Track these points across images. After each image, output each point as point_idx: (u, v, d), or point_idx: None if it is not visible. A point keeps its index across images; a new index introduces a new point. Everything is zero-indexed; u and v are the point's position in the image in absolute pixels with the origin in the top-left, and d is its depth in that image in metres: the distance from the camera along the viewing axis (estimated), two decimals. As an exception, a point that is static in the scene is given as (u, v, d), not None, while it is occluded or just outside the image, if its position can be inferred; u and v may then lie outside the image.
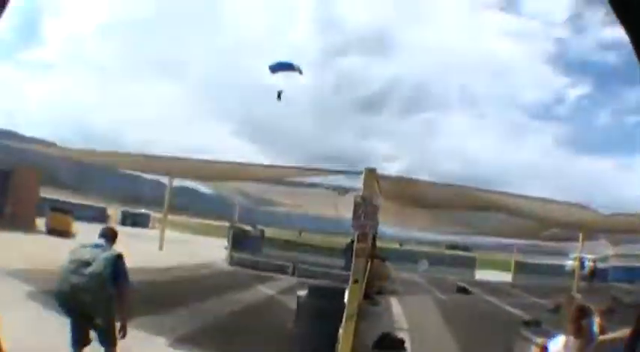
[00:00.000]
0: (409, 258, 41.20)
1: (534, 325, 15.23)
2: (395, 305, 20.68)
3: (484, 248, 54.10)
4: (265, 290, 20.67)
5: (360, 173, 10.94)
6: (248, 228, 35.78)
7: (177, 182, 29.29)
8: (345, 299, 10.05)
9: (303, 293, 11.79)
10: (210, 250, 33.85)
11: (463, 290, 28.76)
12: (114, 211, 55.88)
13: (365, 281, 10.77)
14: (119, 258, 6.78)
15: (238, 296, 17.73)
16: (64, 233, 26.74)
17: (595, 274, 39.33)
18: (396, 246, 46.78)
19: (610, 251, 36.83)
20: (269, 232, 38.69)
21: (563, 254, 42.15)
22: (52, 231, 27.25)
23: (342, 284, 12.03)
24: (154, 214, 56.74)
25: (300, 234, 52.87)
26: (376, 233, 11.96)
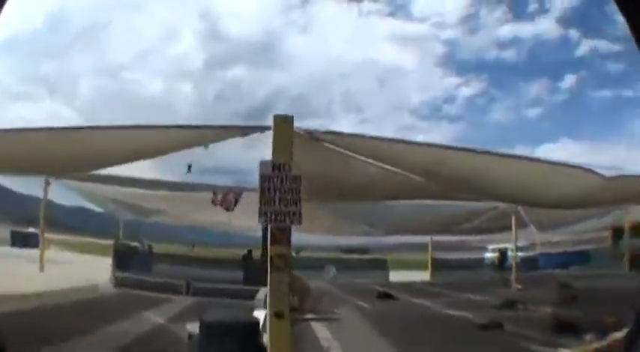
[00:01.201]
0: (310, 265, 35.58)
1: (494, 327, 14.18)
2: (313, 324, 16.28)
3: (388, 249, 50.35)
4: (154, 317, 16.70)
5: (266, 129, 7.67)
6: (135, 244, 32.89)
7: (70, 202, 28.92)
8: (264, 339, 7.42)
9: (193, 328, 9.02)
10: (95, 271, 28.72)
11: (386, 296, 24.37)
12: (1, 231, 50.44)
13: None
14: None
15: (121, 327, 14.04)
16: None
17: (503, 264, 36.35)
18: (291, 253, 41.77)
19: (536, 238, 34.34)
20: (159, 248, 35.41)
21: (482, 247, 39.68)
22: None
23: (248, 316, 9.63)
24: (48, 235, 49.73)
25: (192, 247, 47.89)
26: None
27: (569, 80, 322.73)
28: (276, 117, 6.86)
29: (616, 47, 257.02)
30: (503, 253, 37.97)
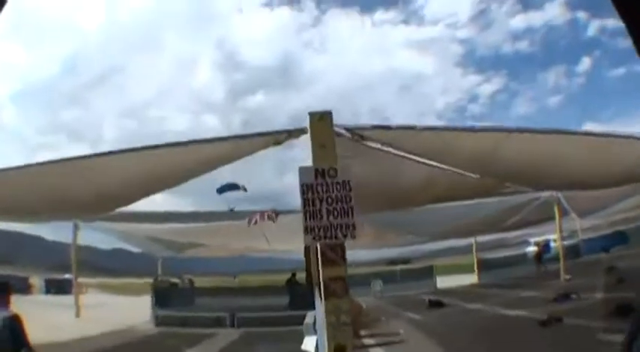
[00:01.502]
0: (354, 281, 34.44)
1: (555, 322, 13.70)
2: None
3: (431, 256, 48.94)
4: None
5: (301, 132, 6.56)
6: (175, 280, 31.78)
7: (107, 244, 29.05)
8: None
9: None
10: (133, 311, 27.76)
11: (436, 304, 23.25)
12: (34, 279, 49.29)
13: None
14: (15, 319, 6.00)
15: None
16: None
17: (542, 258, 35.08)
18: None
19: (577, 225, 32.85)
20: (201, 282, 34.63)
21: (522, 242, 38.50)
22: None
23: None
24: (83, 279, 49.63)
25: (235, 277, 46.81)
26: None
27: (585, 63, 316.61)
28: (312, 115, 5.68)
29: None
30: (545, 245, 36.71)
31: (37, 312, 17.42)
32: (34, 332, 5.96)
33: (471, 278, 36.38)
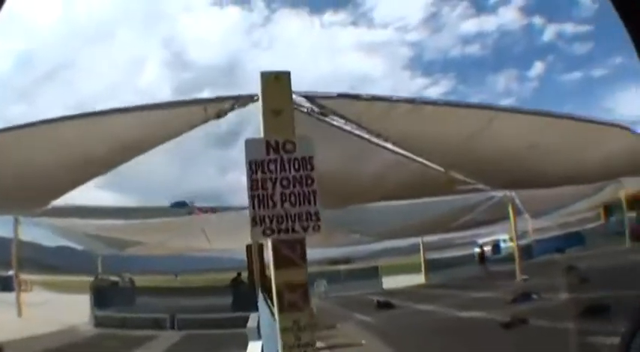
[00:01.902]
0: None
1: (520, 324, 12.51)
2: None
3: (374, 255, 48.18)
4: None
5: (249, 99, 5.23)
6: (115, 279, 29.94)
7: (54, 241, 28.93)
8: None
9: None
10: (76, 310, 25.78)
11: (385, 305, 21.97)
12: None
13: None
14: None
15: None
16: None
17: (485, 259, 34.76)
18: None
19: (529, 226, 32.71)
20: (141, 280, 33.77)
21: (469, 243, 38.21)
22: None
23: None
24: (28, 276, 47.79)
25: (176, 276, 45.38)
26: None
27: (538, 67, 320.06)
28: (266, 76, 4.27)
29: (582, 28, 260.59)
30: (495, 245, 36.39)
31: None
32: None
33: (417, 279, 35.48)
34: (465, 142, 7.07)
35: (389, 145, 7.06)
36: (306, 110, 5.29)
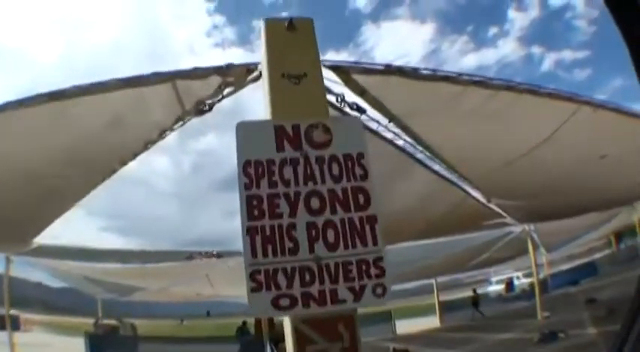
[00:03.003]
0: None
1: None
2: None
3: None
4: None
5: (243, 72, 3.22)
6: (115, 324, 27.45)
7: (56, 283, 26.13)
8: None
9: None
10: None
11: (403, 352, 19.33)
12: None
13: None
14: None
15: None
16: None
17: (478, 303, 32.42)
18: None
19: (544, 259, 30.13)
20: (145, 326, 31.50)
21: (479, 281, 36.19)
22: None
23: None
24: (27, 315, 46.45)
25: (182, 321, 43.29)
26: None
27: None
28: (272, 24, 2.33)
29: (580, 54, 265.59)
30: (508, 283, 34.15)
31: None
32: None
33: (432, 322, 32.59)
34: (526, 156, 5.03)
35: (437, 166, 5.02)
36: (334, 99, 3.23)
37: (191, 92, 3.40)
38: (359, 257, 2.06)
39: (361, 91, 3.33)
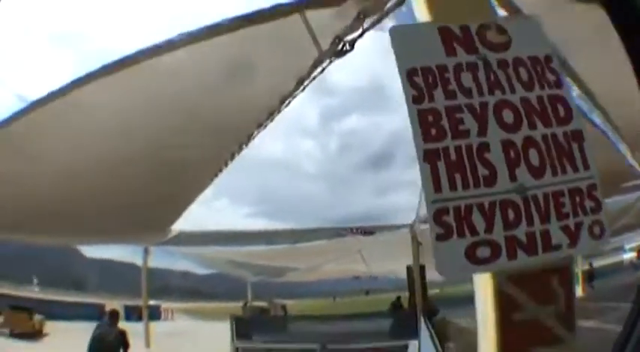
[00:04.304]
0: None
1: None
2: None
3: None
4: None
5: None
6: (265, 306, 26.86)
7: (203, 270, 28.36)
8: None
9: None
10: (214, 340, 22.88)
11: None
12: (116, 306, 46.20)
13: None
14: (122, 333, 9.09)
15: None
16: (31, 335, 20.59)
17: (593, 277, 28.93)
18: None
19: None
20: (296, 306, 30.07)
21: (619, 248, 33.22)
22: (15, 334, 20.64)
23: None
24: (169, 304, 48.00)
25: (334, 299, 42.72)
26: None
27: None
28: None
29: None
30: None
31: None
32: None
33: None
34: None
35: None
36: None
37: (325, 26, 2.88)
38: (571, 185, 1.48)
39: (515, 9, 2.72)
